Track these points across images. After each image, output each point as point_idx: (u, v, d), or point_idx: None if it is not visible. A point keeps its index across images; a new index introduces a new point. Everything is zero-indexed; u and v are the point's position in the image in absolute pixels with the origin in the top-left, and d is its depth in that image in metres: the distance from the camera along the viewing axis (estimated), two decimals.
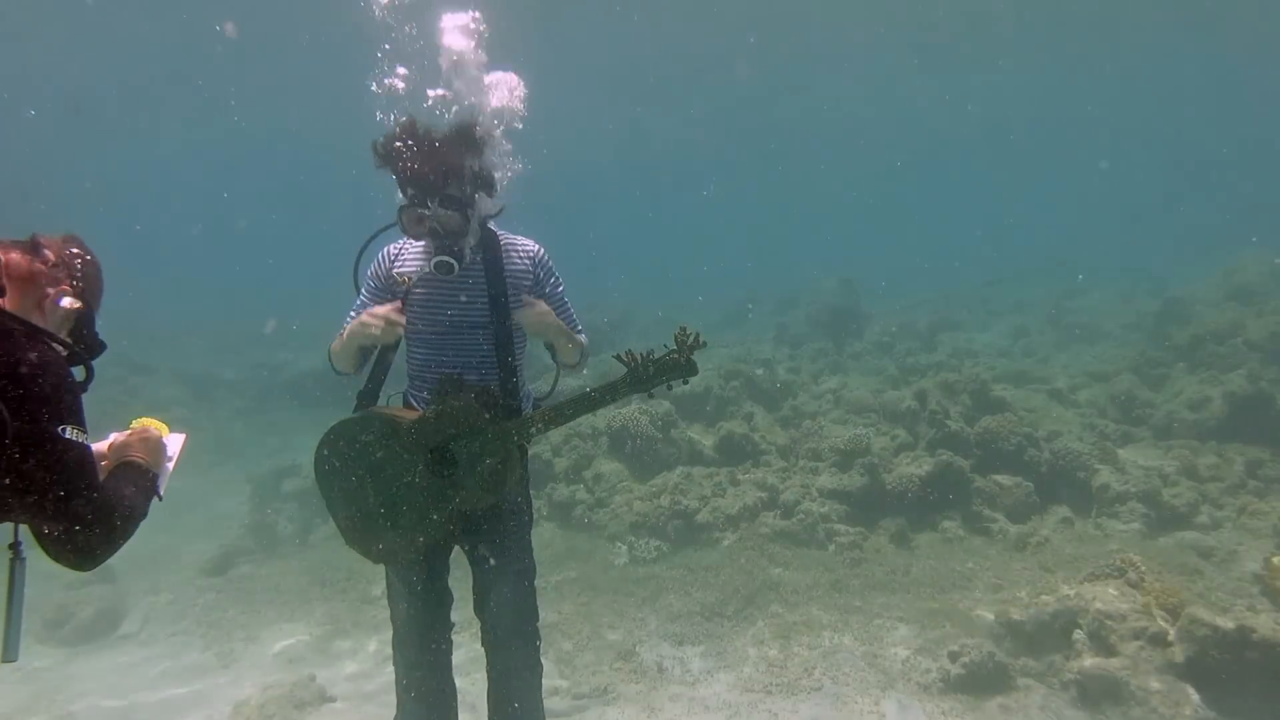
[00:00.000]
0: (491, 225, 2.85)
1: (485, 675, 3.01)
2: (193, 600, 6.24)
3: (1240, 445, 7.10)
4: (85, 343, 1.78)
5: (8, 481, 1.42)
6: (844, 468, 7.02)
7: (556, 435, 8.01)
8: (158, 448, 1.95)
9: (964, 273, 21.96)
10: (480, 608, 2.94)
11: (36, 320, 1.64)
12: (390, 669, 3.09)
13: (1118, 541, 5.80)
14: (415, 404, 2.87)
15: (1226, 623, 3.86)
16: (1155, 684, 3.87)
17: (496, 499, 2.66)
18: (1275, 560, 4.83)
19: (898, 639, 4.82)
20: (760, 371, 9.82)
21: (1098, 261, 20.63)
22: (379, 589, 5.41)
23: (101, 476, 1.77)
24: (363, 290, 2.87)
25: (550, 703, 4.36)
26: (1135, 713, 3.85)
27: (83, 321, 1.78)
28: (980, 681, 4.21)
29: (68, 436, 1.47)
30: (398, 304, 2.70)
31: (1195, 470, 6.79)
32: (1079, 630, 4.28)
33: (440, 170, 2.55)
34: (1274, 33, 25.70)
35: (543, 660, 3.10)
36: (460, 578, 2.97)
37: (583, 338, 3.03)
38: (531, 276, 2.87)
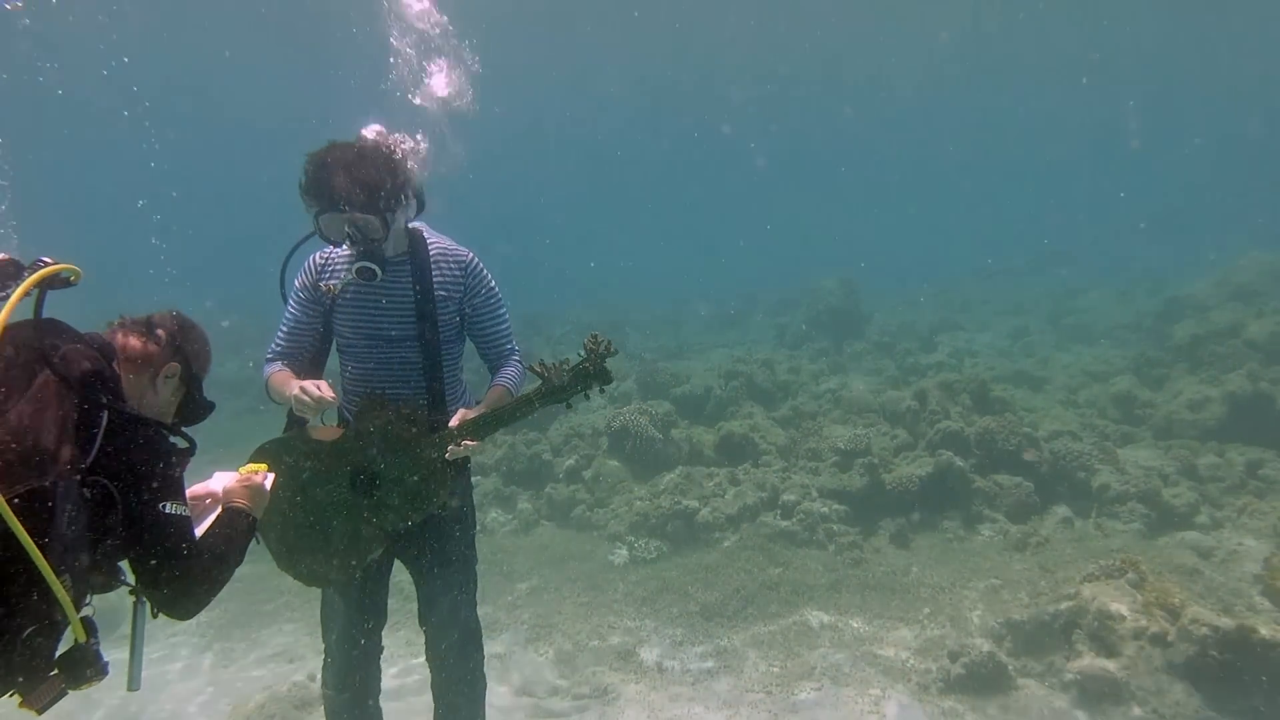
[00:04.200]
0: (421, 228, 2.73)
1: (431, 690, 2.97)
2: None
3: (1240, 445, 7.10)
4: (195, 406, 1.98)
5: (117, 551, 1.64)
6: (844, 468, 7.02)
7: (556, 435, 8.01)
8: (261, 493, 2.11)
9: (963, 263, 22.01)
10: (424, 620, 2.89)
11: (149, 398, 1.85)
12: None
13: (1118, 541, 5.80)
14: (349, 418, 2.78)
15: (1226, 623, 3.86)
16: (1155, 684, 3.87)
17: (423, 516, 2.61)
18: (1275, 560, 4.83)
19: (898, 639, 4.82)
20: (760, 371, 9.83)
21: (1096, 259, 20.67)
22: None
23: (204, 516, 2.00)
24: (291, 301, 2.77)
25: (550, 703, 4.37)
26: (1135, 713, 3.85)
27: (192, 389, 1.97)
28: (980, 681, 4.21)
29: (169, 511, 1.67)
30: (328, 384, 2.53)
31: (1195, 470, 6.80)
32: (1079, 630, 4.28)
33: (356, 188, 2.41)
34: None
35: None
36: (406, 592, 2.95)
37: (513, 370, 2.85)
38: (461, 286, 2.73)
